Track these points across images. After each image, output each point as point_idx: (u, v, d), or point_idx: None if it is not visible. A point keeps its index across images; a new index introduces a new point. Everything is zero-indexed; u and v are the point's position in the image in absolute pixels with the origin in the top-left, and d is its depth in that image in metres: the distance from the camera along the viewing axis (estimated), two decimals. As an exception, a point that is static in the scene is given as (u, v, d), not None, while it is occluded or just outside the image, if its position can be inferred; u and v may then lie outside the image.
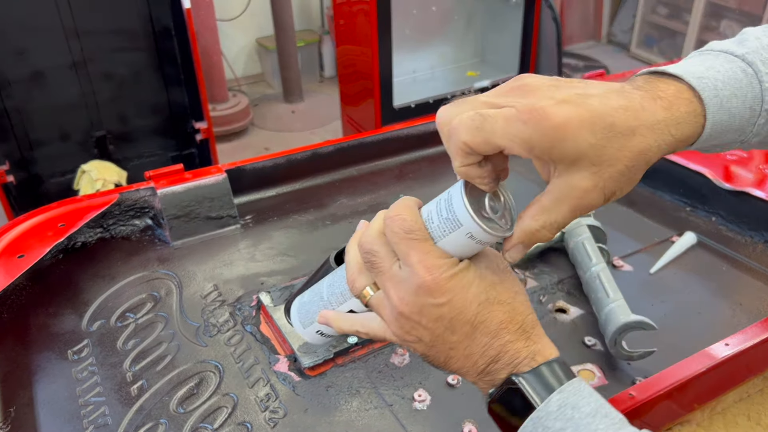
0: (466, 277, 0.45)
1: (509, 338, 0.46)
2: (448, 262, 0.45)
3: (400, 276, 0.46)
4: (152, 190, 1.00)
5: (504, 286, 0.47)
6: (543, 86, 0.42)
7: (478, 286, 0.46)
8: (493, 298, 0.46)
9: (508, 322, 0.46)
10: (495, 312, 0.46)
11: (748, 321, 0.83)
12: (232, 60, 3.93)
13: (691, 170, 1.06)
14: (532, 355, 0.46)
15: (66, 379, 0.76)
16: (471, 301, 0.45)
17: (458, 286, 0.45)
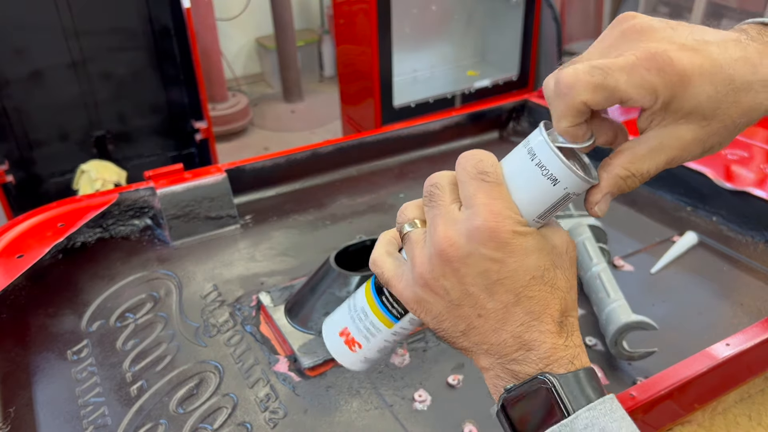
0: (531, 241, 0.40)
1: (551, 328, 0.40)
2: (518, 218, 0.40)
3: (456, 215, 0.41)
4: (152, 190, 1.00)
5: (564, 273, 0.42)
6: (658, 28, 0.38)
7: (539, 258, 0.40)
8: (550, 279, 0.41)
9: (555, 311, 0.41)
10: (546, 293, 0.41)
11: (749, 321, 0.83)
12: (232, 59, 3.93)
13: (692, 170, 1.06)
14: (571, 358, 0.40)
15: (65, 380, 0.76)
16: (527, 269, 0.40)
17: (520, 247, 0.40)
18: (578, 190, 0.41)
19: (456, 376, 0.76)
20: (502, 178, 0.41)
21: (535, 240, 0.41)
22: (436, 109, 2.48)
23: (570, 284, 0.42)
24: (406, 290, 0.44)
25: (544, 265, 0.41)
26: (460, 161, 0.43)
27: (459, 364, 0.78)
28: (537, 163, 0.40)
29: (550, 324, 0.41)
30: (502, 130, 1.39)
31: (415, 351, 0.80)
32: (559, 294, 0.41)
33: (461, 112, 1.32)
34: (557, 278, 0.41)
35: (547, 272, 0.41)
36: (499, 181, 0.41)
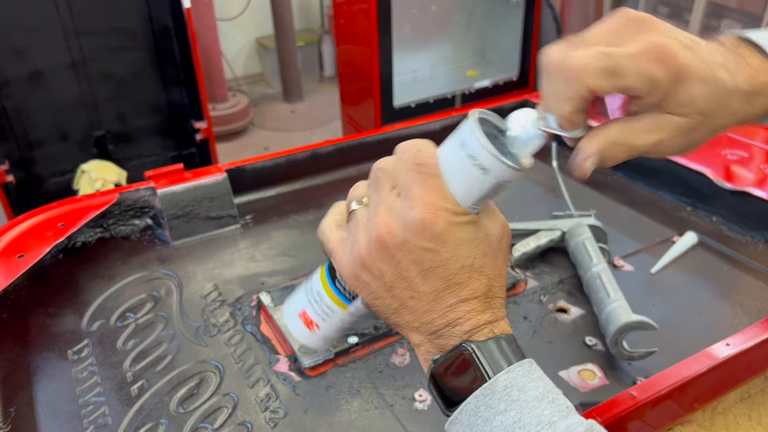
0: (463, 232, 0.43)
1: (476, 306, 0.44)
2: (452, 208, 0.42)
3: (395, 203, 0.43)
4: (152, 190, 1.00)
5: (494, 260, 0.45)
6: (657, 22, 0.41)
7: (470, 248, 0.43)
8: (479, 267, 0.44)
9: (481, 294, 0.44)
10: (474, 280, 0.44)
11: (749, 321, 0.83)
12: (232, 59, 3.93)
13: (692, 170, 1.06)
14: (492, 327, 0.44)
15: (66, 379, 0.76)
16: (458, 258, 0.43)
17: (452, 237, 0.42)
18: (509, 178, 0.42)
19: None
20: (438, 168, 0.43)
21: (468, 230, 0.43)
22: (436, 109, 2.48)
23: (497, 271, 0.45)
24: (347, 266, 0.47)
25: (474, 254, 0.43)
26: (398, 151, 0.45)
27: (459, 364, 0.78)
28: (467, 154, 0.41)
29: (475, 304, 0.44)
30: (502, 130, 1.39)
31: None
32: (485, 280, 0.44)
33: (461, 112, 1.32)
34: (486, 266, 0.44)
35: (477, 260, 0.44)
36: (434, 172, 0.42)
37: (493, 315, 0.45)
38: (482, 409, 0.42)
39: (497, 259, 0.45)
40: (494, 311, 0.45)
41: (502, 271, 0.46)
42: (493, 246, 0.45)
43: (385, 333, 0.81)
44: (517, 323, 0.84)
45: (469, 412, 0.42)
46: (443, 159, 0.43)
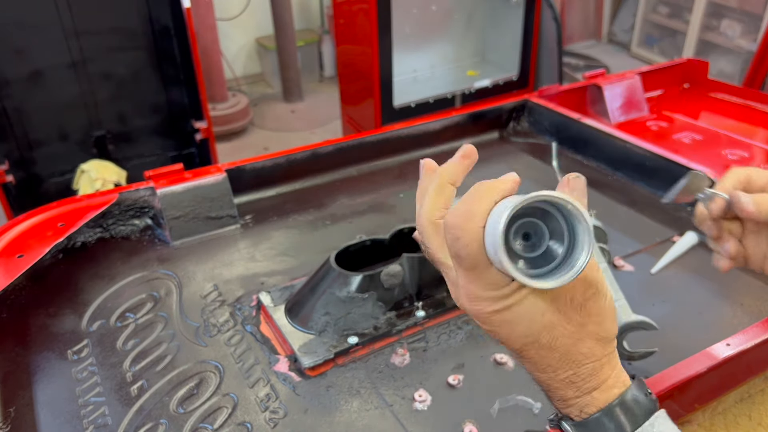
0: (515, 314, 0.41)
1: (554, 384, 0.43)
2: (495, 295, 0.40)
3: (452, 277, 0.44)
4: (152, 190, 1.00)
5: (565, 330, 0.41)
6: None
7: (529, 326, 0.41)
8: (544, 343, 0.41)
9: (555, 369, 0.42)
10: (542, 355, 0.42)
11: (749, 321, 0.83)
12: (232, 59, 3.93)
13: (692, 170, 1.06)
14: (582, 406, 0.43)
15: (66, 380, 0.76)
16: (516, 338, 0.42)
17: (503, 322, 0.41)
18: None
19: (456, 376, 0.76)
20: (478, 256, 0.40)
21: (521, 309, 0.41)
22: (436, 109, 2.48)
23: (574, 338, 0.42)
24: None
25: (534, 331, 0.41)
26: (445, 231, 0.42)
27: (459, 364, 0.78)
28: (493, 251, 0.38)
29: (552, 380, 0.43)
30: (502, 130, 1.39)
31: (415, 351, 0.80)
32: (557, 354, 0.42)
33: (461, 112, 1.32)
34: (555, 338, 0.42)
35: (541, 337, 0.41)
36: (474, 265, 0.40)
37: (579, 390, 0.42)
38: None
39: (571, 325, 0.42)
40: (579, 386, 0.42)
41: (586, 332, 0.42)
42: (563, 311, 0.41)
43: (385, 333, 0.81)
44: (517, 323, 0.84)
45: None
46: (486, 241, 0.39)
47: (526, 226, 0.41)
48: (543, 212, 0.40)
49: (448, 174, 0.46)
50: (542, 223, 0.41)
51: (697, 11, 3.65)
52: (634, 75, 1.50)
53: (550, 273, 0.40)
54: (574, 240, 0.39)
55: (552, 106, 1.33)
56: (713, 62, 2.70)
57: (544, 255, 0.41)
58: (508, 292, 0.40)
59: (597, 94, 1.46)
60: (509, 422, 0.69)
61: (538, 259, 0.41)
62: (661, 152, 1.12)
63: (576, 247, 0.39)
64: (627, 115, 1.47)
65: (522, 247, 0.41)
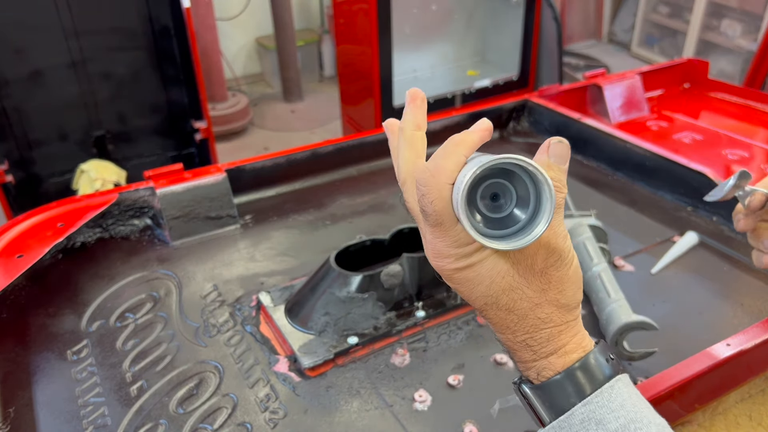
0: (476, 272, 0.41)
1: (512, 346, 0.43)
2: (458, 252, 0.41)
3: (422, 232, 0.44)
4: (151, 190, 1.00)
5: (525, 293, 0.42)
6: None
7: (489, 286, 0.41)
8: (503, 304, 0.42)
9: (513, 331, 0.43)
10: (501, 317, 0.43)
11: (749, 321, 0.83)
12: (232, 59, 3.93)
13: (692, 170, 1.06)
14: (539, 369, 0.43)
15: (65, 380, 0.76)
16: (477, 297, 0.42)
17: (464, 280, 0.42)
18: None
19: (456, 376, 0.76)
20: (443, 213, 0.40)
21: (482, 268, 0.41)
22: (436, 109, 2.48)
23: (532, 302, 0.42)
24: None
25: (494, 292, 0.42)
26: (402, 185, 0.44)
27: (459, 364, 0.78)
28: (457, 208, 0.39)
29: (511, 342, 0.43)
30: (502, 130, 1.39)
31: (415, 351, 0.80)
32: (515, 317, 0.42)
33: (461, 112, 1.31)
34: (513, 301, 0.42)
35: (500, 298, 0.42)
36: (439, 221, 0.40)
37: (536, 353, 0.43)
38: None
39: (530, 290, 0.42)
40: (536, 349, 0.43)
41: (545, 298, 0.42)
42: (524, 275, 0.42)
43: (385, 333, 0.81)
44: (517, 323, 0.84)
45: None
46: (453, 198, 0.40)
47: (495, 186, 0.41)
48: (512, 175, 0.41)
49: (410, 123, 0.46)
50: (511, 186, 0.41)
51: (697, 11, 3.65)
52: (634, 75, 1.50)
53: (510, 236, 0.40)
54: (538, 206, 0.39)
55: (552, 106, 1.33)
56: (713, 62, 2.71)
57: (508, 217, 0.41)
58: (470, 251, 0.41)
59: (597, 94, 1.46)
60: (509, 422, 0.69)
61: (502, 220, 0.41)
62: (661, 152, 1.12)
63: (538, 214, 0.39)
64: (627, 115, 1.46)
65: (488, 208, 0.41)
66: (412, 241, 0.91)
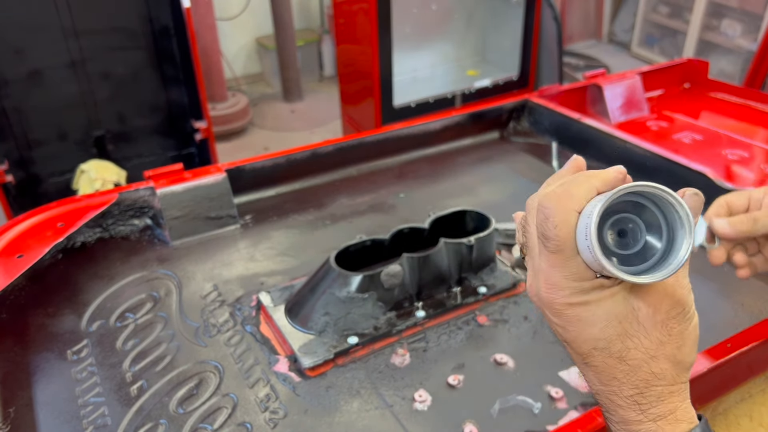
0: (591, 312, 0.38)
1: (617, 401, 0.40)
2: (575, 287, 0.38)
3: (535, 265, 0.41)
4: (151, 190, 1.00)
5: (641, 342, 0.38)
6: None
7: (603, 329, 0.38)
8: (615, 352, 0.39)
9: (621, 383, 0.39)
10: (609, 365, 0.39)
11: (749, 321, 0.82)
12: (232, 59, 3.93)
13: (692, 170, 1.06)
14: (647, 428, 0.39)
15: (65, 380, 0.76)
16: (585, 340, 0.39)
17: (576, 318, 0.39)
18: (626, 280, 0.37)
19: (456, 376, 0.76)
20: (566, 241, 0.38)
21: (598, 308, 0.38)
22: (436, 109, 2.47)
23: (648, 354, 0.39)
24: None
25: (608, 336, 0.39)
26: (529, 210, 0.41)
27: (459, 364, 0.78)
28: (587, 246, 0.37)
29: (616, 396, 0.40)
30: (502, 130, 1.39)
31: (415, 351, 0.80)
32: (626, 367, 0.39)
33: (461, 112, 1.31)
34: (627, 349, 0.39)
35: (613, 344, 0.39)
36: (560, 248, 0.38)
37: (644, 414, 0.39)
38: None
39: (648, 340, 0.39)
40: (644, 409, 0.39)
41: (662, 352, 0.39)
42: (643, 323, 0.39)
43: (385, 333, 0.81)
44: (518, 323, 0.84)
45: None
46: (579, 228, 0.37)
47: (622, 222, 0.39)
48: (640, 208, 0.39)
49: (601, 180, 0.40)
50: (640, 220, 0.39)
51: (697, 11, 3.65)
52: (634, 75, 1.50)
53: (645, 271, 0.38)
54: (673, 236, 0.37)
55: (552, 106, 1.33)
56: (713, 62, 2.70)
57: (638, 254, 0.39)
58: (589, 287, 0.38)
59: (597, 94, 1.46)
60: (509, 422, 0.69)
61: (629, 257, 0.39)
62: (661, 152, 1.12)
63: (674, 243, 0.37)
64: (627, 115, 1.46)
65: (615, 243, 0.39)
66: (412, 241, 0.91)
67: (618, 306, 0.38)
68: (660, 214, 0.38)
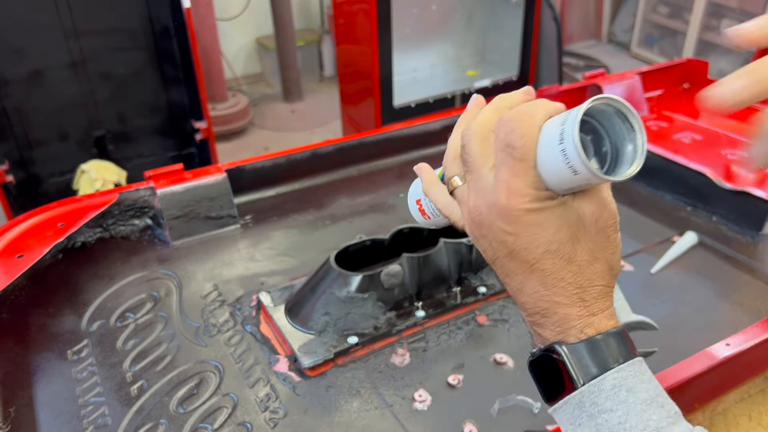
0: (546, 217, 0.41)
1: (562, 300, 0.43)
2: (534, 194, 0.41)
3: (484, 183, 0.44)
4: (152, 190, 1.00)
5: (587, 245, 0.42)
6: None
7: (556, 233, 0.42)
8: (565, 253, 0.42)
9: (568, 283, 0.42)
10: (558, 267, 0.42)
11: (749, 321, 0.83)
12: (232, 59, 3.93)
13: (691, 170, 1.06)
14: (583, 326, 0.43)
15: (66, 380, 0.76)
16: (539, 244, 0.42)
17: (532, 223, 0.42)
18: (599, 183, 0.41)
19: (456, 376, 0.76)
20: (530, 151, 0.41)
21: (552, 215, 0.42)
22: (436, 109, 2.48)
23: (592, 256, 0.43)
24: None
25: (560, 239, 0.42)
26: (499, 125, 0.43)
27: (459, 364, 0.78)
28: (562, 150, 0.39)
29: (561, 296, 0.43)
30: (502, 130, 1.39)
31: (415, 351, 0.80)
32: (574, 267, 0.42)
33: (461, 112, 1.31)
34: (576, 251, 0.42)
35: (563, 246, 0.42)
36: (525, 157, 0.41)
37: (586, 309, 0.43)
38: (587, 405, 0.42)
39: (592, 243, 0.43)
40: (588, 304, 0.43)
41: (602, 255, 0.43)
42: (588, 229, 0.42)
43: (385, 333, 0.81)
44: (518, 323, 0.84)
45: (573, 404, 0.42)
46: (542, 141, 0.41)
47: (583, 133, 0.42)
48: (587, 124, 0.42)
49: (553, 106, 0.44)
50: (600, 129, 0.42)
51: (697, 11, 3.65)
52: (634, 75, 1.50)
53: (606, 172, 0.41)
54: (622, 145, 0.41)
55: (552, 106, 1.33)
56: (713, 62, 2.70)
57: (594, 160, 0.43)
58: (545, 195, 0.42)
59: (597, 94, 1.46)
60: (509, 422, 0.69)
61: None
62: (661, 152, 1.12)
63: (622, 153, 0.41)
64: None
65: None
66: (412, 241, 0.91)
67: (568, 212, 0.42)
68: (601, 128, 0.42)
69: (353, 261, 0.87)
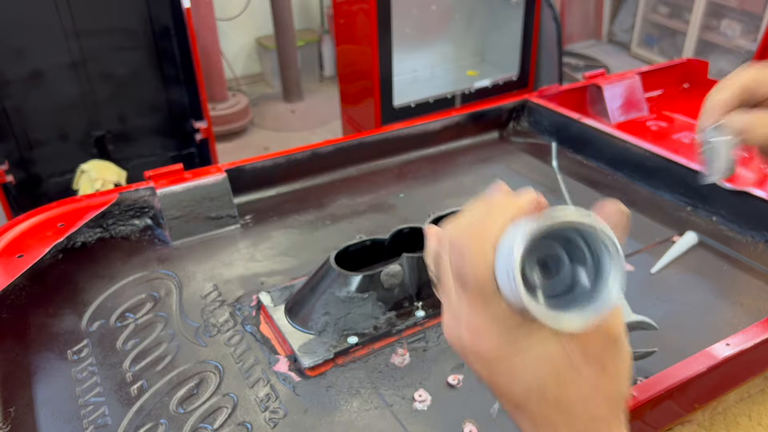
0: (521, 354, 0.35)
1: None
2: (499, 329, 0.34)
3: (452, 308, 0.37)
4: (152, 190, 1.00)
5: (575, 382, 0.35)
6: None
7: (535, 371, 0.35)
8: (551, 395, 0.35)
9: (557, 427, 0.36)
10: (550, 411, 0.36)
11: (749, 321, 0.83)
12: (232, 59, 3.93)
13: (692, 169, 1.06)
14: None
15: (66, 380, 0.76)
16: (519, 389, 0.36)
17: (505, 367, 0.35)
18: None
19: (456, 375, 0.76)
20: (486, 282, 0.34)
21: (531, 351, 0.35)
22: (436, 109, 2.48)
23: (583, 393, 0.35)
24: None
25: (542, 380, 0.35)
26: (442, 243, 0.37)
27: (459, 364, 0.78)
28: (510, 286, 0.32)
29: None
30: (502, 130, 1.39)
31: (415, 351, 0.80)
32: (562, 411, 0.36)
33: (461, 112, 1.31)
34: (561, 392, 0.35)
35: (549, 388, 0.35)
36: (481, 291, 0.34)
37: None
38: None
39: (582, 379, 0.35)
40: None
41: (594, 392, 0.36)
42: (576, 362, 0.35)
43: (385, 333, 0.81)
44: (517, 323, 0.84)
45: None
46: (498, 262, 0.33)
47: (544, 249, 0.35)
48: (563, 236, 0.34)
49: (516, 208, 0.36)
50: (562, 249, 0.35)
51: (697, 11, 3.65)
52: (634, 75, 1.50)
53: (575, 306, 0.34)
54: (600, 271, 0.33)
55: (552, 106, 1.33)
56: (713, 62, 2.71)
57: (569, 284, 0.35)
58: (514, 324, 0.34)
59: (597, 94, 1.46)
60: (509, 422, 0.69)
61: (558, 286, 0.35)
62: (661, 152, 1.12)
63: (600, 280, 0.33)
64: (627, 115, 1.47)
65: (540, 276, 0.35)
66: (412, 241, 0.91)
67: (548, 345, 0.35)
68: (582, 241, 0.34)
69: (353, 261, 0.87)
